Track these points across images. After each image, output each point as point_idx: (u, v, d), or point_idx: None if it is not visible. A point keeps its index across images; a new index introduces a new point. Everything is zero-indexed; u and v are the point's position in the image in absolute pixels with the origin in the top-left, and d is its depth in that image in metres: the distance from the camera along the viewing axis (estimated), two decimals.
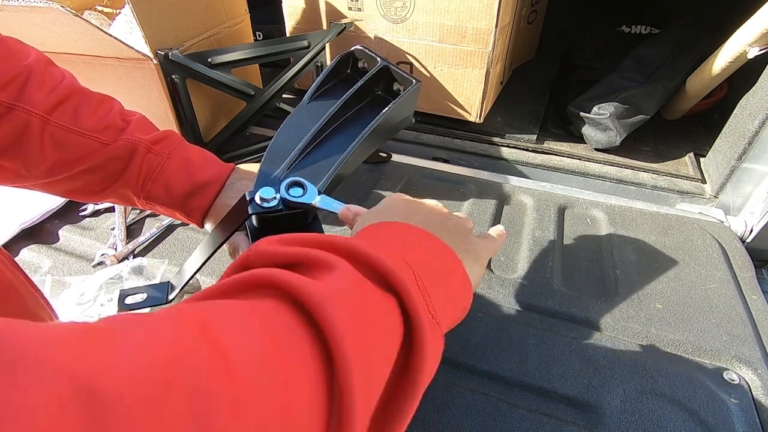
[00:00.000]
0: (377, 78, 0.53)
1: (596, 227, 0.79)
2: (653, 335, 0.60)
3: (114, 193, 0.49)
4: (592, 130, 0.94)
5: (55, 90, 0.45)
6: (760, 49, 0.76)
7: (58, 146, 0.45)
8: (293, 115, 0.51)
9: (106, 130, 0.47)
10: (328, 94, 0.54)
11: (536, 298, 0.64)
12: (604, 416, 0.50)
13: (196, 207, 0.49)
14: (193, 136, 0.85)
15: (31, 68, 0.44)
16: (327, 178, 0.46)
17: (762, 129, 0.76)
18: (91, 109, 0.47)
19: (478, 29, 0.88)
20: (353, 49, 0.55)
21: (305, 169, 0.47)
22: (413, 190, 0.85)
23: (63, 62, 0.78)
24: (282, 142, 0.49)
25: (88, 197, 0.50)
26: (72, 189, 0.48)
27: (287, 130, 0.50)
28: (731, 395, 0.53)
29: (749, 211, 0.78)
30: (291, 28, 1.05)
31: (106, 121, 0.47)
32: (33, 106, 0.43)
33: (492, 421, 0.50)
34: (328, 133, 0.50)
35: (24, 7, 0.61)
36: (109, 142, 0.47)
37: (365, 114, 0.51)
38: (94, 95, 0.49)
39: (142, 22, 0.71)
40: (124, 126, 0.48)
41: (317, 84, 0.54)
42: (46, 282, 0.65)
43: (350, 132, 0.49)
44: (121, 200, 0.50)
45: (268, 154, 0.48)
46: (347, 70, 0.57)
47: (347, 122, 0.51)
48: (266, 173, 0.46)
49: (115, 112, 0.49)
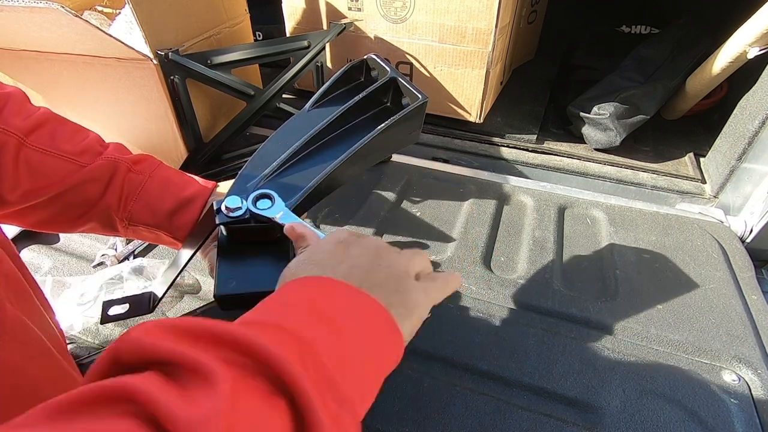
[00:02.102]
0: (386, 89, 0.51)
1: (596, 227, 0.79)
2: (653, 335, 0.60)
3: (94, 217, 0.47)
4: (592, 130, 0.94)
5: (32, 116, 0.44)
6: (760, 49, 0.76)
7: (34, 170, 0.43)
8: (289, 122, 0.50)
9: (84, 153, 0.46)
10: (332, 103, 0.51)
11: (536, 298, 0.64)
12: (604, 416, 0.50)
13: (182, 224, 0.47)
14: (193, 136, 0.85)
15: (9, 95, 0.43)
16: (304, 192, 0.44)
17: (762, 129, 0.76)
18: (68, 135, 0.46)
19: (478, 29, 0.88)
20: (366, 58, 0.53)
21: (285, 179, 0.45)
22: (413, 190, 0.85)
23: (63, 62, 0.79)
24: (270, 148, 0.47)
25: (67, 225, 0.48)
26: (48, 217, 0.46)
27: (279, 137, 0.48)
28: (731, 395, 0.53)
29: (749, 211, 0.78)
30: (291, 28, 1.05)
31: (83, 145, 0.46)
32: (9, 127, 0.42)
33: (492, 421, 0.50)
34: (326, 142, 0.48)
35: (24, 7, 0.61)
36: (87, 164, 0.45)
37: (368, 126, 0.48)
38: (71, 123, 0.48)
39: (142, 23, 0.71)
40: (102, 150, 0.47)
41: (322, 91, 0.52)
42: (46, 282, 0.65)
43: (349, 143, 0.47)
44: (102, 227, 0.48)
45: (252, 160, 0.46)
46: (360, 78, 0.54)
47: (348, 132, 0.49)
48: (243, 181, 0.45)
49: (92, 139, 0.48)
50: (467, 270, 0.68)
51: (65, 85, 0.81)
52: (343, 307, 0.29)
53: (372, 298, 0.30)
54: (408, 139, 0.52)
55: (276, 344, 0.23)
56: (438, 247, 0.73)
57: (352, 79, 0.54)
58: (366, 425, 0.49)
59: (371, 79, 0.54)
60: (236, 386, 0.20)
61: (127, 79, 0.78)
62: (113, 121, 0.85)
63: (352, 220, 0.77)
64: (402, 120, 0.47)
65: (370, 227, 0.75)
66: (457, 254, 0.71)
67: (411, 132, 0.51)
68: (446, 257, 0.71)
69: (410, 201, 0.83)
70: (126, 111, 0.83)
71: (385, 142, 0.49)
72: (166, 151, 0.87)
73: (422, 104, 0.48)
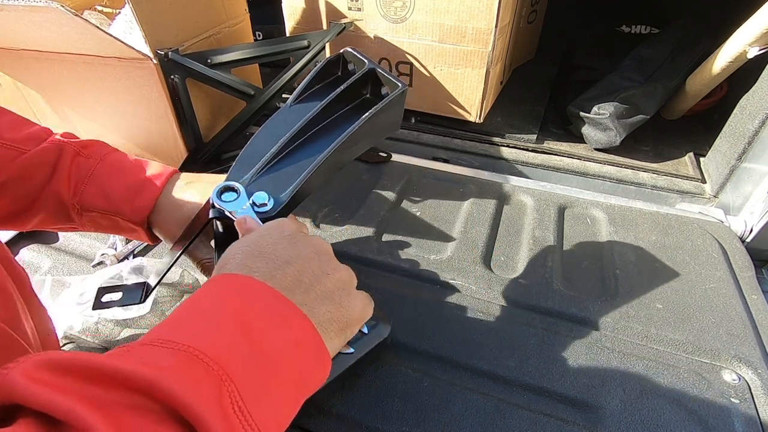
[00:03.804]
0: (365, 81, 0.51)
1: (596, 227, 0.79)
2: (653, 335, 0.60)
3: (43, 207, 0.43)
4: (592, 130, 0.94)
5: None
6: (760, 49, 0.76)
7: None
8: (273, 118, 0.50)
9: (28, 141, 0.42)
10: (313, 97, 0.52)
11: (536, 298, 0.64)
12: (604, 416, 0.50)
13: (140, 208, 0.44)
14: (193, 135, 0.85)
15: None
16: (296, 185, 0.43)
17: (762, 129, 0.76)
18: (10, 125, 0.43)
19: (478, 29, 0.88)
20: (342, 51, 0.54)
21: (275, 174, 0.45)
22: (413, 190, 0.85)
23: (63, 62, 0.79)
24: (256, 146, 0.47)
25: (17, 219, 0.44)
26: None
27: (264, 134, 0.48)
28: (731, 395, 0.53)
29: (749, 210, 0.78)
30: (291, 28, 1.05)
31: (26, 133, 0.43)
32: None
33: (492, 420, 0.50)
34: (309, 137, 0.48)
35: (24, 7, 0.61)
36: (30, 150, 0.42)
37: (351, 118, 0.49)
38: (14, 115, 0.45)
39: (142, 22, 0.71)
40: (46, 137, 0.44)
41: (302, 87, 0.52)
42: (46, 282, 0.65)
43: (333, 136, 0.47)
44: (54, 217, 0.45)
45: (239, 159, 0.46)
46: (337, 72, 0.55)
47: (331, 126, 0.50)
48: (233, 178, 0.44)
49: (38, 129, 0.45)
50: (467, 270, 0.68)
51: (65, 85, 0.81)
52: (274, 325, 0.27)
53: (307, 321, 0.29)
54: (391, 128, 0.53)
55: (182, 381, 0.21)
56: (438, 247, 0.73)
57: (329, 74, 0.55)
58: (366, 425, 0.49)
59: (348, 72, 0.54)
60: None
61: (127, 78, 0.78)
62: (113, 121, 0.85)
63: (352, 220, 0.77)
64: (384, 109, 0.48)
65: (370, 227, 0.75)
66: (457, 254, 0.71)
67: (393, 120, 0.53)
68: (446, 257, 0.71)
69: (410, 201, 0.83)
70: (126, 110, 0.83)
71: (370, 132, 0.49)
72: (166, 150, 0.87)
73: (402, 92, 0.49)
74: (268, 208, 0.41)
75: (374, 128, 0.50)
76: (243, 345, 0.25)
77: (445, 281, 0.67)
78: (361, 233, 0.74)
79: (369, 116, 0.47)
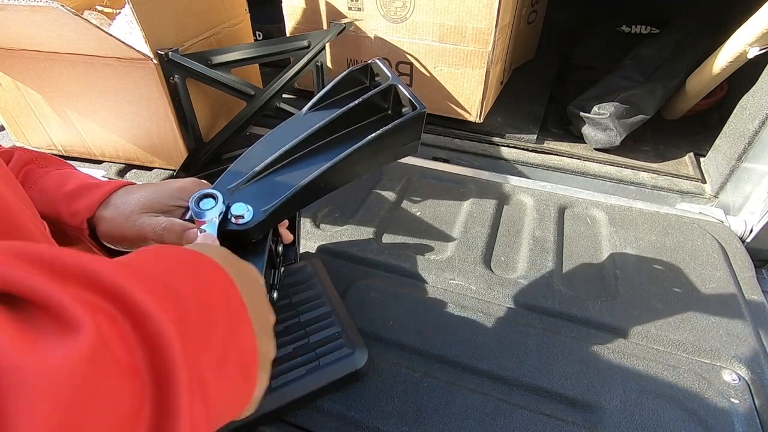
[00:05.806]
0: (386, 96, 0.48)
1: (596, 227, 0.79)
2: (653, 335, 0.60)
3: None
4: (592, 129, 0.94)
5: None
6: (760, 49, 0.76)
7: None
8: (283, 124, 0.47)
9: None
10: (332, 107, 0.49)
11: (536, 298, 0.64)
12: (604, 416, 0.50)
13: (79, 209, 0.42)
14: (193, 135, 0.85)
15: None
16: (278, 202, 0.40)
17: (762, 129, 0.76)
18: None
19: (478, 29, 0.88)
20: (370, 62, 0.51)
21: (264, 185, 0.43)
22: (413, 190, 0.85)
23: (63, 62, 0.79)
24: (256, 152, 0.44)
25: None
26: None
27: (268, 140, 0.46)
28: (731, 395, 0.53)
29: (749, 210, 0.78)
30: (291, 28, 1.05)
31: None
32: None
33: (492, 421, 0.50)
34: (315, 148, 0.46)
35: (24, 7, 0.61)
36: None
37: (365, 134, 0.44)
38: None
39: (142, 22, 0.71)
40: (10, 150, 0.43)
41: (321, 95, 0.49)
42: None
43: (339, 151, 0.43)
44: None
45: (235, 164, 0.44)
46: (365, 82, 0.52)
47: (341, 140, 0.46)
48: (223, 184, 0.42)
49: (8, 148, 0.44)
50: (467, 270, 0.68)
51: (65, 85, 0.81)
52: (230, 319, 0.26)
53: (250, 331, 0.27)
54: (405, 151, 0.48)
55: (155, 302, 0.19)
56: (438, 247, 0.73)
57: (355, 84, 0.52)
58: (366, 425, 0.50)
59: (375, 84, 0.51)
60: (99, 343, 0.17)
61: (127, 78, 0.78)
62: (113, 121, 0.85)
63: (352, 220, 0.77)
64: (395, 130, 0.43)
65: (370, 227, 0.75)
66: (457, 254, 0.71)
67: (408, 143, 0.48)
68: (446, 257, 0.71)
69: (410, 201, 0.83)
70: (126, 110, 0.83)
71: (379, 152, 0.46)
72: (166, 150, 0.87)
73: (419, 114, 0.44)
74: (245, 221, 0.39)
75: (386, 149, 0.46)
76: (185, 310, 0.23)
77: (445, 281, 0.67)
78: (361, 233, 0.74)
79: (376, 137, 0.43)
